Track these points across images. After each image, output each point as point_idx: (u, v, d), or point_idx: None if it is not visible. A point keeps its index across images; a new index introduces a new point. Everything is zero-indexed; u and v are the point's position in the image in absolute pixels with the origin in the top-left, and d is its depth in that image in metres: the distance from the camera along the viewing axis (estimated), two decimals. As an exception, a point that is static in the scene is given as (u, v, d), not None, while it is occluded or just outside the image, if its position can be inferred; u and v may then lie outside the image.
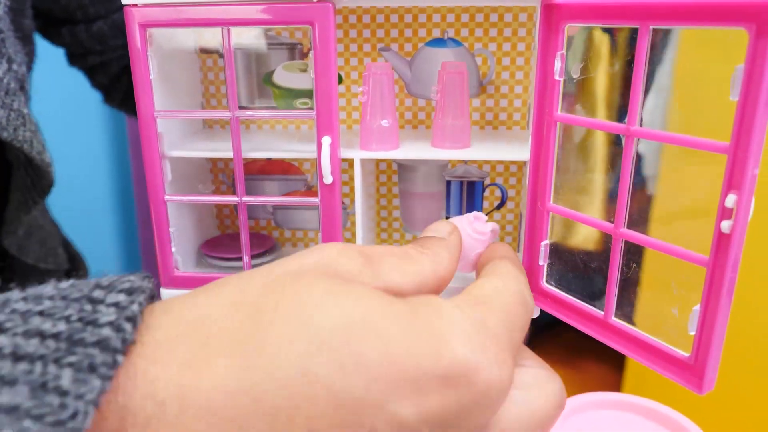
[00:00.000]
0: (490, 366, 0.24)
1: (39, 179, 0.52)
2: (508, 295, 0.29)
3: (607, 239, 0.37)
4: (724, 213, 0.29)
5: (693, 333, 0.32)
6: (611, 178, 0.42)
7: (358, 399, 0.22)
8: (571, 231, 0.42)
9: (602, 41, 0.41)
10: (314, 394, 0.22)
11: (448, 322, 0.24)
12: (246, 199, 0.42)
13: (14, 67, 0.49)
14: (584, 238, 0.42)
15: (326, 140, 0.39)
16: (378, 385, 0.22)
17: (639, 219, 0.39)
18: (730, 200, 0.29)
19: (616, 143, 0.43)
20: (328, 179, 0.39)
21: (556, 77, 0.39)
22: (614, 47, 0.40)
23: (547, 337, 1.98)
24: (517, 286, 0.31)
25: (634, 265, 0.37)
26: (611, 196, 0.41)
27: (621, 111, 0.41)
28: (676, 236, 0.34)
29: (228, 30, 0.38)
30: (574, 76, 0.42)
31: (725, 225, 0.29)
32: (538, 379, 0.30)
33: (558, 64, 0.38)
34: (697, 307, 0.31)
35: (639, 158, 0.39)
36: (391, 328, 0.23)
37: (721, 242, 0.30)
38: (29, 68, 0.59)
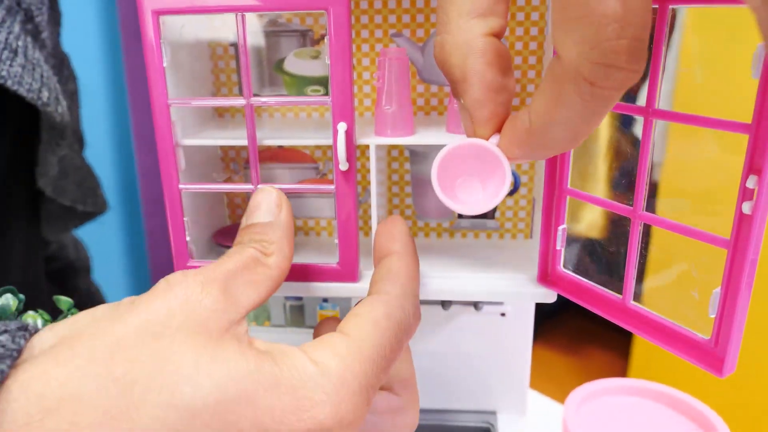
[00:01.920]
0: (343, 426, 0.27)
1: (49, 119, 0.51)
2: (385, 331, 0.31)
3: (612, 226, 0.37)
4: (745, 194, 0.29)
5: (713, 316, 0.31)
6: (617, 162, 0.41)
7: None
8: (575, 217, 0.42)
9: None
10: None
11: (311, 387, 0.26)
12: (261, 187, 0.42)
13: None
14: (588, 225, 0.42)
15: (342, 126, 0.39)
16: None
17: (646, 204, 0.38)
18: (752, 181, 0.28)
19: (623, 127, 0.43)
20: (344, 165, 0.39)
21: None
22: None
23: (551, 325, 1.97)
24: (400, 313, 0.32)
25: (653, 249, 0.37)
26: (617, 181, 0.40)
27: (628, 93, 0.41)
28: (683, 220, 0.34)
29: (242, 16, 0.37)
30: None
31: (746, 206, 0.29)
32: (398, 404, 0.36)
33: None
34: (717, 290, 0.31)
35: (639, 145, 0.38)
36: (260, 398, 0.25)
37: (743, 223, 0.29)
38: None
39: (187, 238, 0.43)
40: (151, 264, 1.73)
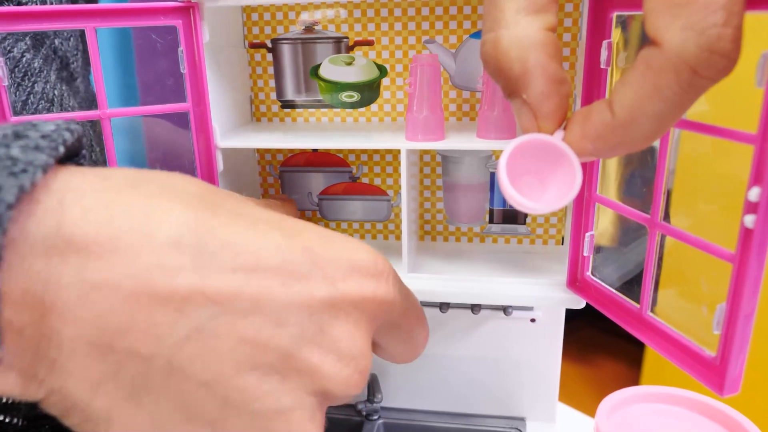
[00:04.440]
0: (393, 278, 0.30)
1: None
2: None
3: (623, 236, 0.36)
4: (749, 207, 0.28)
5: (717, 332, 0.31)
6: (630, 169, 0.41)
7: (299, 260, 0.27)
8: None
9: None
10: None
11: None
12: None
13: None
14: (599, 234, 0.41)
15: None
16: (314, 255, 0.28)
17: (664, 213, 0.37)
18: (754, 193, 0.27)
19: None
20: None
21: (603, 66, 0.38)
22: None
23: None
24: None
25: (669, 259, 0.36)
26: (630, 188, 0.40)
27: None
28: (702, 230, 0.33)
29: (93, 30, 0.39)
30: (620, 66, 0.41)
31: (748, 219, 0.28)
32: None
33: (605, 54, 0.37)
34: (722, 305, 0.30)
35: (654, 152, 0.37)
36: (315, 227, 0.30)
37: (746, 237, 0.28)
38: None
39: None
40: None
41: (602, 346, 1.92)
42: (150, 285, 0.23)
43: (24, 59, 0.45)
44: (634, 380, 1.65)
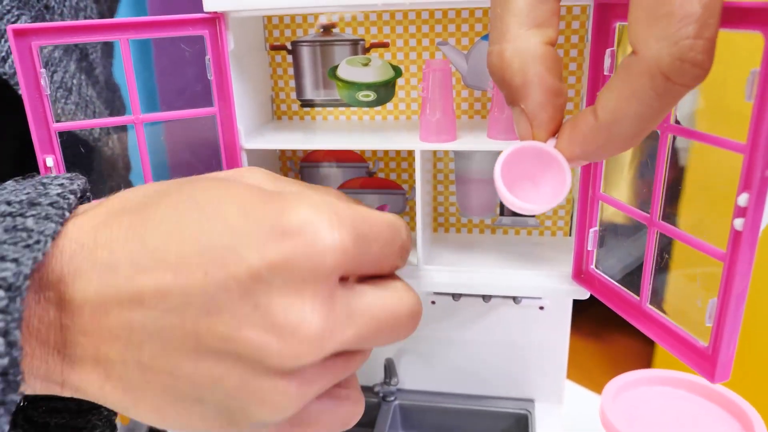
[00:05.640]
0: (323, 227, 0.28)
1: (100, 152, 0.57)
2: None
3: (628, 231, 0.38)
4: (738, 211, 0.30)
5: (709, 324, 0.33)
6: (642, 157, 0.43)
7: (219, 243, 0.28)
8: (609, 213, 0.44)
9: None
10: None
11: (299, 196, 0.29)
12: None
13: None
14: (613, 211, 0.43)
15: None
16: (235, 234, 0.28)
17: (671, 195, 0.40)
18: (743, 199, 0.30)
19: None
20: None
21: (606, 72, 0.40)
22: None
23: (576, 311, 1.92)
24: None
25: (666, 255, 0.38)
26: (641, 175, 0.42)
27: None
28: (709, 220, 0.35)
29: (127, 42, 0.42)
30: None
31: (738, 223, 0.30)
32: (397, 287, 0.33)
33: (608, 61, 0.40)
34: (713, 300, 0.33)
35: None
36: (251, 198, 0.29)
37: (735, 239, 0.31)
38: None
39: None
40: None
41: (616, 322, 1.93)
42: (104, 301, 0.27)
43: (45, 50, 0.49)
44: (648, 357, 1.66)
